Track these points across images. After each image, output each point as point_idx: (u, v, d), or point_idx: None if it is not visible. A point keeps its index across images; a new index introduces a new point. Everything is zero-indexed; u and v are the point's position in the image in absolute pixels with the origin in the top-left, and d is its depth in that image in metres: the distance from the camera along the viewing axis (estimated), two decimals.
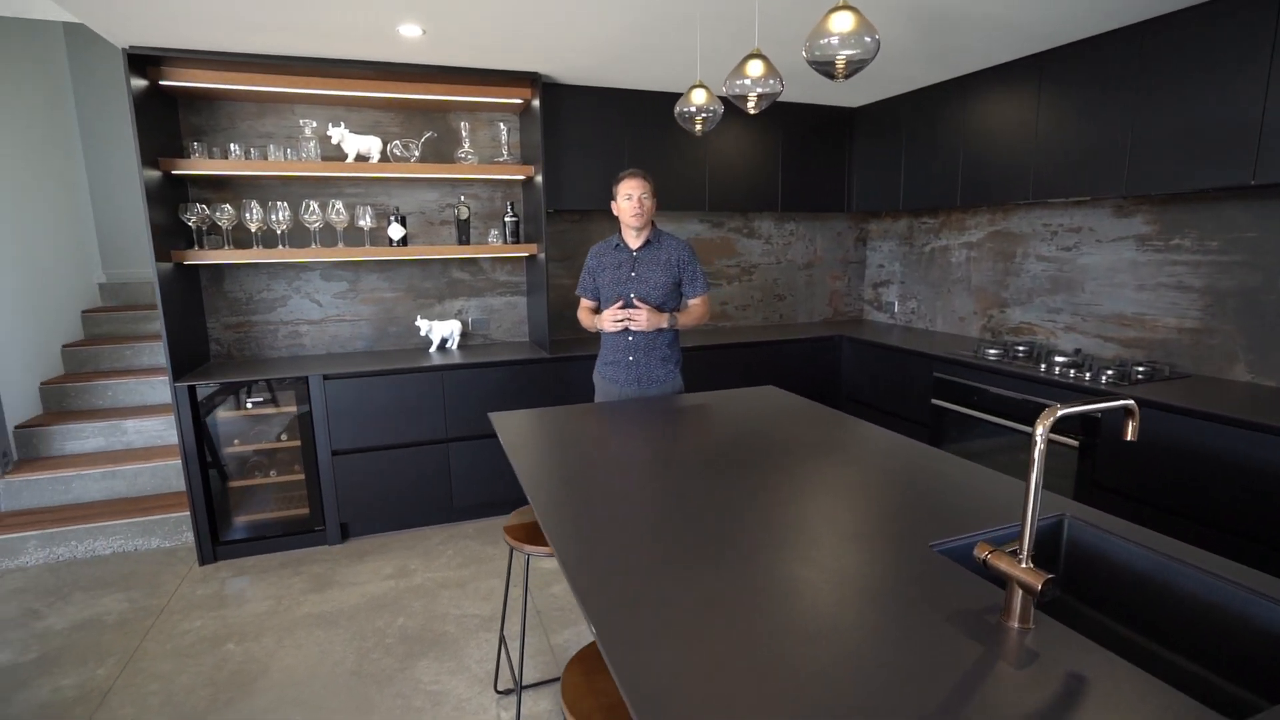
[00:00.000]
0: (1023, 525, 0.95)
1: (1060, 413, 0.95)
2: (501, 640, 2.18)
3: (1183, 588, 1.13)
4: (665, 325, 2.54)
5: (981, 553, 1.01)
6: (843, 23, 1.30)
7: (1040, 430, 0.93)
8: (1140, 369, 2.71)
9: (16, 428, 3.32)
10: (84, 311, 4.03)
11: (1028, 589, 0.94)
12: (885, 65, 3.12)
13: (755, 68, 1.63)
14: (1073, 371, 2.74)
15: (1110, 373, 2.65)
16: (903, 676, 0.85)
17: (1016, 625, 0.96)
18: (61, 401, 3.58)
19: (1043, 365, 2.86)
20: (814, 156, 4.05)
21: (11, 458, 3.27)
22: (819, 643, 0.93)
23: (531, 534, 1.85)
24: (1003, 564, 0.98)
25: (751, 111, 1.66)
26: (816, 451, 1.77)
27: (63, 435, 3.37)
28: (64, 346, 3.79)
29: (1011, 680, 0.85)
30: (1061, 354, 3.05)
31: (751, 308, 4.45)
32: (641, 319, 2.48)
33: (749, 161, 3.89)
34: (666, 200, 3.76)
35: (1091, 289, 3.15)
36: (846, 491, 1.49)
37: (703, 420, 2.11)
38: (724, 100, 1.98)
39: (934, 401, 3.26)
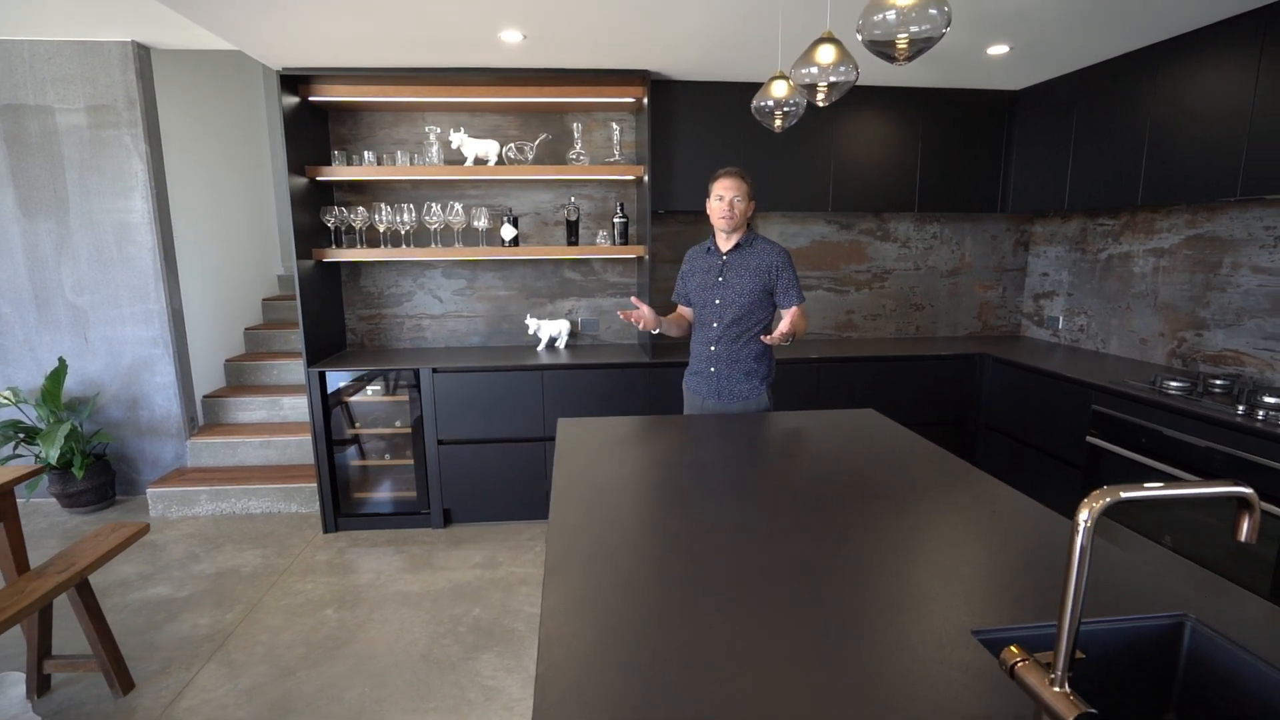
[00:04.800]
0: (1059, 636, 0.71)
1: (1123, 496, 0.69)
2: None
3: None
4: (656, 330, 2.35)
5: (1010, 659, 0.77)
6: None
7: (1084, 516, 0.68)
8: None
9: (205, 397, 3.92)
10: (264, 299, 4.68)
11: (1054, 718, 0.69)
12: (1053, 38, 2.66)
13: (826, 53, 1.41)
14: None
15: None
16: None
17: None
18: (239, 377, 4.17)
19: (1242, 406, 2.26)
20: (962, 149, 3.57)
21: (198, 423, 3.86)
22: None
23: None
24: (1031, 679, 0.73)
25: (820, 104, 1.45)
26: (891, 496, 1.52)
27: (236, 406, 3.92)
28: (246, 329, 4.42)
29: None
30: (1277, 393, 2.39)
31: (882, 318, 4.05)
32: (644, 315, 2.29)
33: (881, 156, 3.52)
34: (787, 200, 3.52)
35: None
36: (903, 548, 1.25)
37: (776, 446, 1.92)
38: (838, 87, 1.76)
39: (1090, 440, 2.72)
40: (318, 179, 3.18)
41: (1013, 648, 0.78)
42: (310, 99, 3.12)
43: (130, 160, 3.39)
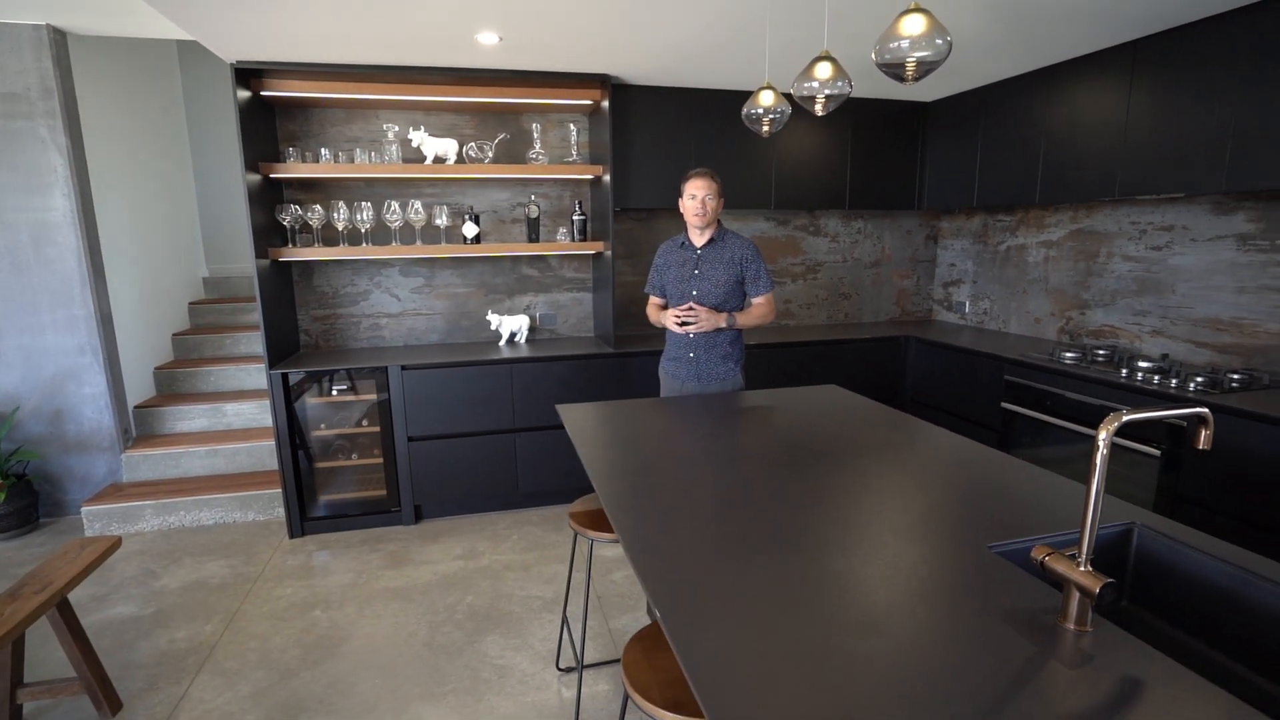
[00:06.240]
0: (1082, 529, 0.96)
1: (1126, 418, 0.94)
2: (564, 621, 2.28)
3: (1259, 602, 1.09)
4: (724, 325, 2.56)
5: (1039, 555, 1.02)
6: (914, 25, 1.31)
7: (1103, 436, 0.93)
8: (1235, 376, 2.55)
9: (135, 407, 3.67)
10: (190, 303, 4.42)
11: (1085, 592, 0.94)
12: (964, 58, 3.04)
13: (824, 70, 1.64)
14: (1157, 377, 2.61)
15: (1200, 380, 2.51)
16: (952, 670, 0.88)
17: (1073, 627, 0.97)
18: (171, 385, 3.93)
19: (1124, 370, 2.74)
20: (884, 153, 3.97)
21: (131, 435, 3.62)
22: (872, 634, 0.96)
23: (595, 521, 1.94)
24: (1060, 566, 0.98)
25: (819, 113, 1.68)
26: (878, 451, 1.78)
27: (173, 416, 3.71)
28: (174, 335, 4.16)
29: (1064, 680, 0.86)
30: (1146, 359, 2.90)
31: (815, 306, 4.41)
32: (702, 321, 2.52)
33: (817, 159, 3.86)
34: (732, 198, 3.77)
35: (1184, 291, 2.98)
36: (906, 491, 1.50)
37: (765, 418, 2.14)
38: (792, 99, 1.99)
39: (1004, 405, 3.16)
40: (270, 176, 3.09)
41: (1040, 546, 1.02)
42: (261, 94, 3.02)
43: (47, 154, 3.13)
